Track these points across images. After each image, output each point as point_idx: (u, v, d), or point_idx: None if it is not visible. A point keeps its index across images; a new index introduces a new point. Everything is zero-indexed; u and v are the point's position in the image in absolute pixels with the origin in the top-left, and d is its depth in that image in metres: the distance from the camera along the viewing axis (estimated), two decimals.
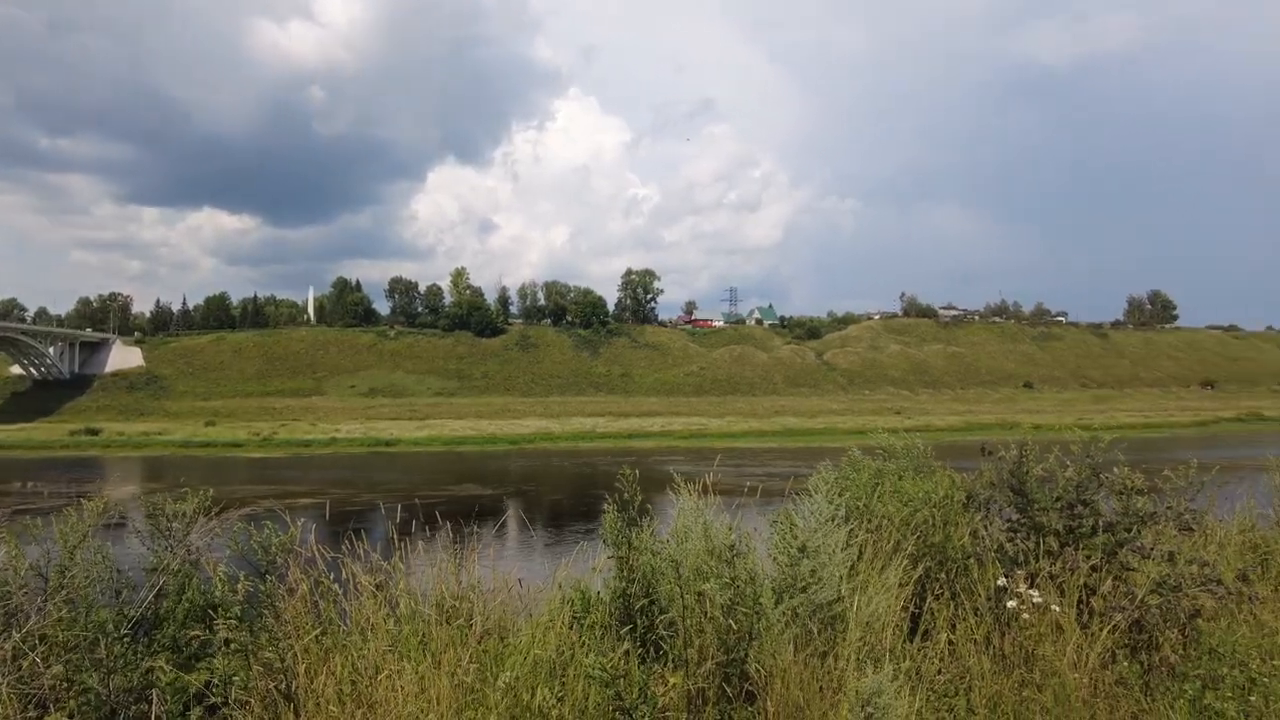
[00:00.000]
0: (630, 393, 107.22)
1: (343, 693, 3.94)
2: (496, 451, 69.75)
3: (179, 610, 4.16)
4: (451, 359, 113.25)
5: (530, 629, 4.60)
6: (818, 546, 4.57)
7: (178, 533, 4.71)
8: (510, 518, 32.45)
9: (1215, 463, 6.61)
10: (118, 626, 3.86)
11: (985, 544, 5.60)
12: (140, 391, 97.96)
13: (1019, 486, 5.66)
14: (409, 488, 42.62)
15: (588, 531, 4.80)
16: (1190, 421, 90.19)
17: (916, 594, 5.18)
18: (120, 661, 3.63)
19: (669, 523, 5.17)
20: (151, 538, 4.67)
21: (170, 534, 4.70)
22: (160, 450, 71.44)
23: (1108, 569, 5.33)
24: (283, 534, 4.39)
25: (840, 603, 4.70)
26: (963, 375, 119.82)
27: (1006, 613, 4.98)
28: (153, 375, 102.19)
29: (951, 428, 77.12)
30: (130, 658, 3.71)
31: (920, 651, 4.78)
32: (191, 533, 4.80)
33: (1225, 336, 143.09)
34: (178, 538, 4.70)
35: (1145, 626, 5.03)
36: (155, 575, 4.36)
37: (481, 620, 4.57)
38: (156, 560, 4.49)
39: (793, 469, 7.10)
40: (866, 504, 5.64)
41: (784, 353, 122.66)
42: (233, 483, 48.28)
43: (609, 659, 3.90)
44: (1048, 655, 4.72)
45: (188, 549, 4.71)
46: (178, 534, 4.71)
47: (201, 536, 4.88)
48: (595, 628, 4.51)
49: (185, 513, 4.80)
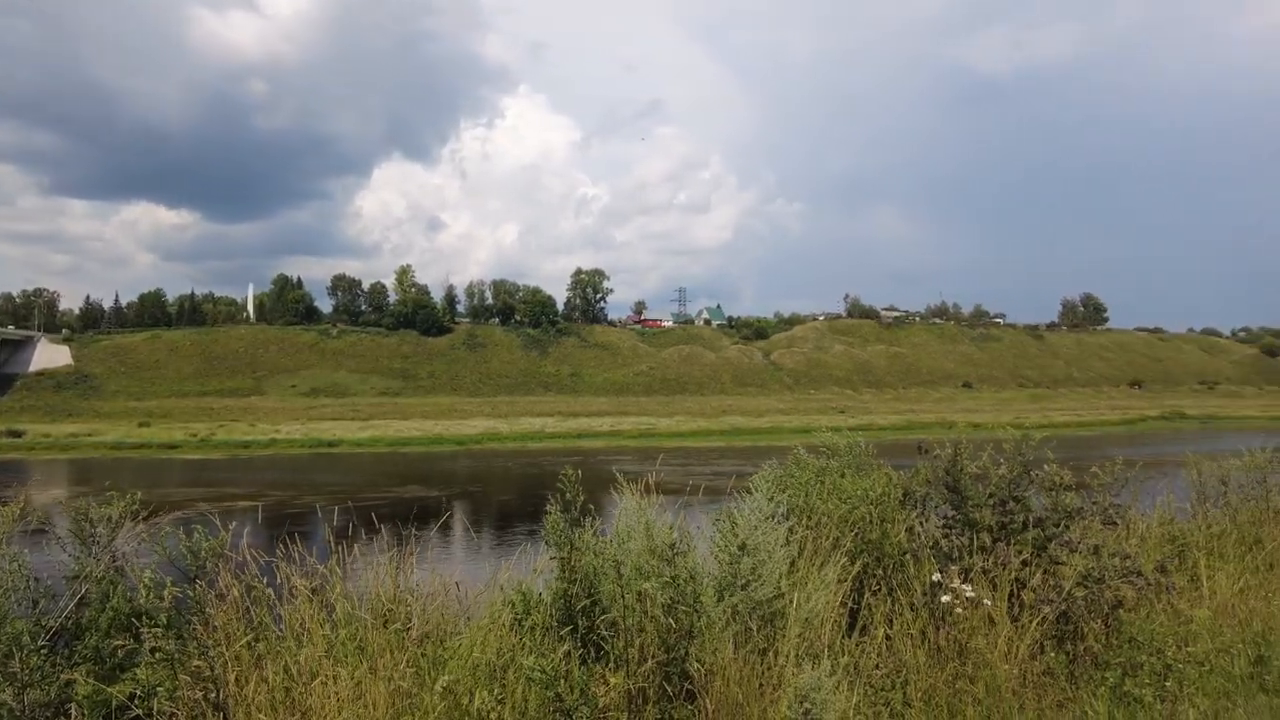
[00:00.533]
0: (579, 392, 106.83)
1: (275, 700, 3.85)
2: (442, 452, 68.81)
3: (102, 619, 3.99)
4: (396, 358, 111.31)
5: (470, 632, 4.56)
6: (757, 544, 4.62)
7: (102, 538, 4.53)
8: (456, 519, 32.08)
9: (1140, 459, 6.88)
10: (34, 638, 3.68)
11: (921, 540, 5.73)
12: (68, 391, 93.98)
13: (954, 484, 5.80)
14: (352, 489, 41.76)
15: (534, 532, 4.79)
16: (1119, 420, 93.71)
17: (855, 590, 5.27)
18: (37, 674, 3.48)
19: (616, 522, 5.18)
20: (74, 544, 4.48)
21: (94, 539, 4.52)
22: (90, 452, 68.66)
23: (1037, 563, 5.50)
24: (213, 538, 4.26)
25: (780, 599, 4.75)
26: (904, 375, 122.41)
27: (941, 607, 5.10)
28: (82, 374, 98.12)
29: (893, 426, 78.72)
30: (48, 670, 3.55)
31: (858, 647, 4.88)
32: (117, 538, 4.62)
33: (1151, 338, 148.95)
34: (102, 543, 4.52)
35: (1071, 618, 5.20)
36: (77, 583, 4.19)
37: (420, 623, 4.51)
38: (78, 567, 4.31)
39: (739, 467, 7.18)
40: (806, 501, 5.72)
41: (732, 353, 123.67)
42: (168, 485, 46.72)
43: (549, 660, 3.88)
44: (980, 648, 4.85)
45: (113, 555, 4.54)
46: (102, 539, 4.53)
47: (128, 542, 4.71)
48: (536, 629, 4.48)
49: (111, 517, 4.62)
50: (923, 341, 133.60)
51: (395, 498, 38.91)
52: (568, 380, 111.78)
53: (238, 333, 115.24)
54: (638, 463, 6.42)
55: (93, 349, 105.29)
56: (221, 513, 5.59)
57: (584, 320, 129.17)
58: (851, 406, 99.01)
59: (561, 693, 3.77)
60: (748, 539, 4.60)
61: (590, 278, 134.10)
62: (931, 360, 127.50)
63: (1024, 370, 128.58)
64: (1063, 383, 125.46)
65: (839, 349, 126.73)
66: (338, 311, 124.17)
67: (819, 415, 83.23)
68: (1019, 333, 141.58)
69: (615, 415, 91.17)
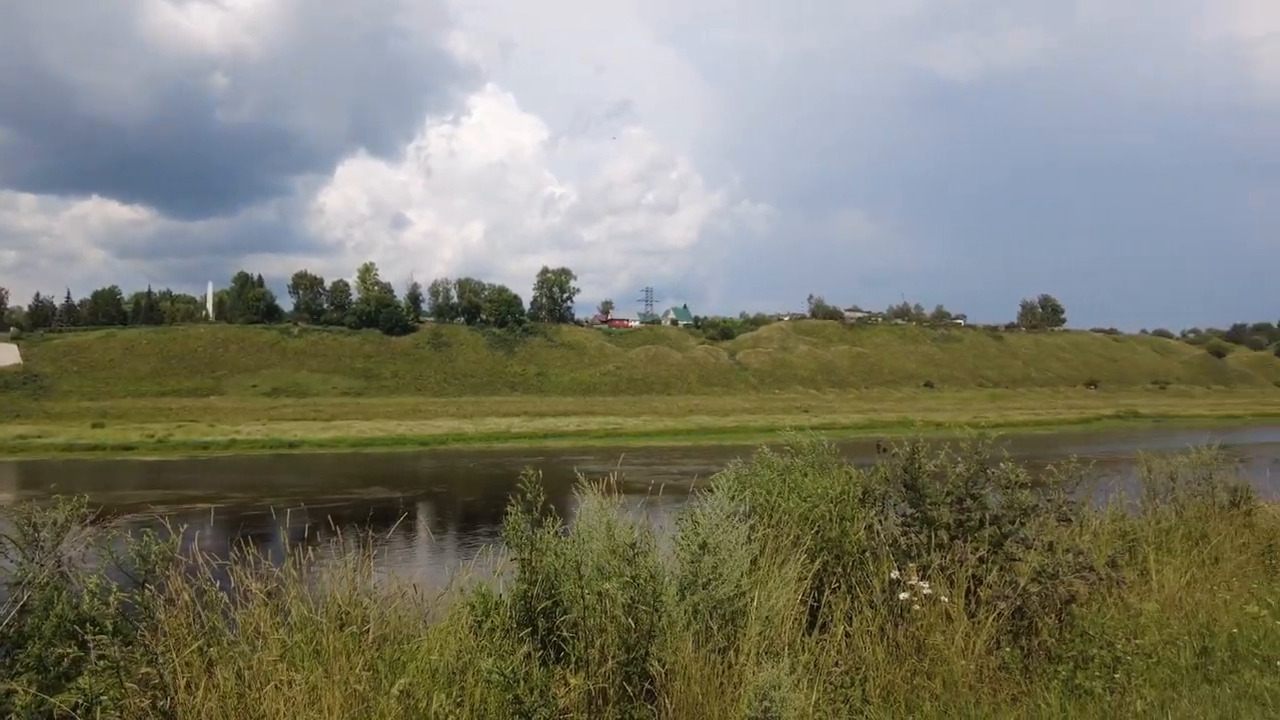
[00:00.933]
0: (546, 392, 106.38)
1: (227, 706, 3.76)
2: (406, 453, 68.03)
3: (45, 627, 3.86)
4: (359, 358, 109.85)
5: (430, 634, 4.52)
6: (718, 543, 4.63)
7: (47, 543, 4.39)
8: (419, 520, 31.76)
9: (1095, 457, 7.03)
10: None
11: (880, 538, 5.79)
12: (16, 391, 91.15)
13: (912, 482, 5.88)
14: (313, 491, 41.10)
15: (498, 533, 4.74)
16: (1076, 419, 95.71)
17: (815, 588, 5.31)
18: None
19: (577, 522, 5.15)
20: (17, 549, 4.34)
21: (38, 544, 4.38)
22: (40, 455, 66.60)
23: (994, 560, 5.59)
24: (163, 541, 4.15)
25: (741, 598, 4.77)
26: (867, 375, 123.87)
27: (899, 604, 5.16)
28: (31, 374, 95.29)
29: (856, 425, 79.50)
30: None
31: (818, 644, 4.91)
32: (63, 542, 4.49)
33: (1106, 339, 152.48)
34: (46, 548, 4.38)
35: (1026, 613, 5.30)
36: (19, 589, 4.05)
37: (378, 626, 4.45)
38: (21, 573, 4.17)
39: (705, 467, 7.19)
40: (768, 500, 5.75)
41: (698, 353, 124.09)
42: (123, 487, 45.53)
43: (509, 662, 3.85)
44: (937, 644, 4.92)
45: (58, 560, 4.41)
46: (47, 544, 4.39)
47: (75, 546, 4.57)
48: (496, 631, 4.45)
49: (56, 520, 4.48)
50: (885, 342, 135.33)
51: (357, 499, 38.39)
52: (534, 380, 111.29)
53: (197, 331, 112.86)
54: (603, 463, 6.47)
55: (43, 348, 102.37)
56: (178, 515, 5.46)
57: (550, 320, 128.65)
58: (816, 406, 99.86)
59: (520, 695, 3.75)
60: (708, 538, 4.62)
61: (557, 277, 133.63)
62: (894, 360, 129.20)
63: (984, 370, 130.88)
64: (1021, 382, 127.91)
65: (804, 349, 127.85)
66: (299, 310, 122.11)
67: (784, 415, 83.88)
68: (979, 333, 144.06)
69: (582, 415, 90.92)
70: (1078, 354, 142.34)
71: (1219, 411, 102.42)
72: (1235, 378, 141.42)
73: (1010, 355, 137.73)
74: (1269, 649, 5.03)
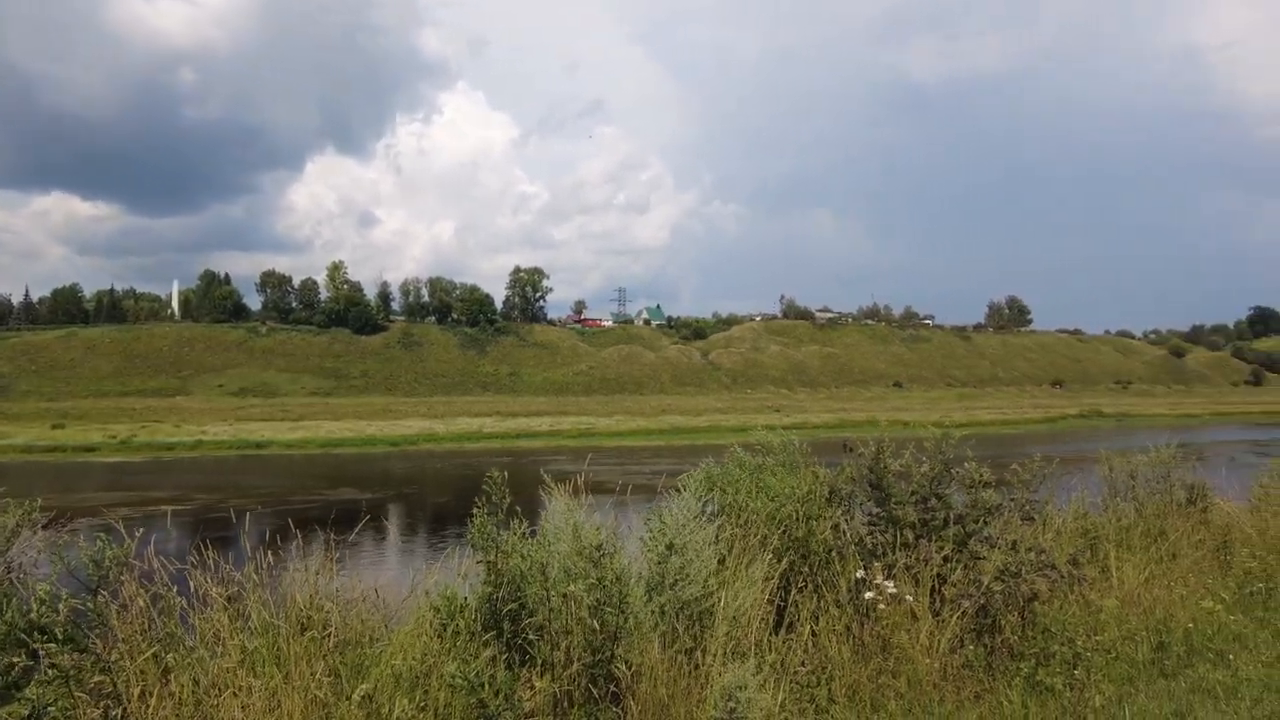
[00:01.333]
0: (518, 392, 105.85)
1: (183, 715, 3.68)
2: (376, 454, 67.25)
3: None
4: (328, 357, 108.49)
5: (394, 638, 4.46)
6: (684, 544, 4.63)
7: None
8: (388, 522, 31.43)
9: (1060, 456, 7.13)
10: None
11: (846, 538, 5.83)
12: None
13: (877, 482, 5.92)
14: (281, 492, 40.50)
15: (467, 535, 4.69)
16: (1042, 418, 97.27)
17: (781, 587, 5.33)
18: None
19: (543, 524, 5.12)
20: None
21: None
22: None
23: (958, 559, 5.65)
24: (117, 546, 4.05)
25: (708, 598, 4.77)
26: (837, 375, 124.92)
27: (865, 604, 5.20)
28: None
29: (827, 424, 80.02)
30: None
31: (785, 644, 4.93)
32: (12, 547, 4.37)
33: (1071, 339, 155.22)
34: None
35: (990, 611, 5.35)
36: None
37: (340, 630, 4.39)
38: None
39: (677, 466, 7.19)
40: (734, 500, 5.76)
41: (671, 352, 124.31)
42: (84, 490, 44.48)
43: (473, 666, 3.81)
44: (902, 643, 4.96)
45: (8, 565, 4.30)
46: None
47: (25, 552, 4.46)
48: (461, 634, 4.40)
49: (6, 525, 4.37)
50: (855, 342, 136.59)
51: (326, 500, 37.89)
52: (506, 380, 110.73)
53: (161, 330, 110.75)
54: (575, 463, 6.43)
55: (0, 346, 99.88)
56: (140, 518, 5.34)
57: (523, 319, 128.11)
58: (787, 405, 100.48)
59: (485, 699, 3.71)
60: (675, 539, 4.61)
61: (529, 276, 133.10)
62: (864, 360, 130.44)
63: (952, 370, 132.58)
64: (988, 382, 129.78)
65: (775, 349, 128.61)
66: (267, 309, 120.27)
67: (756, 414, 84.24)
68: (947, 334, 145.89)
69: (554, 415, 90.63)
70: (1043, 354, 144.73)
71: (1178, 411, 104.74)
72: (1194, 377, 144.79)
73: (978, 355, 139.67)
74: (1222, 643, 5.14)
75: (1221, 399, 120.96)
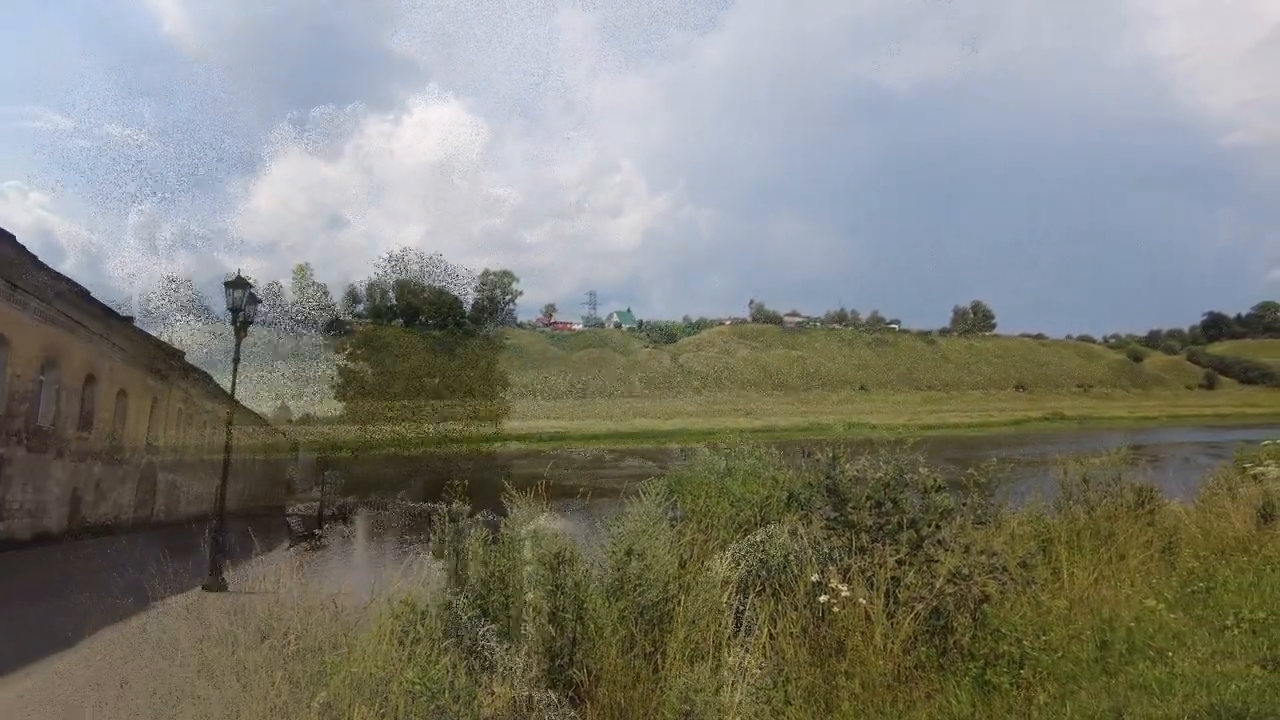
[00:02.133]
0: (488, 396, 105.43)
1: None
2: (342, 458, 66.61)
3: None
4: None
5: (356, 645, 4.48)
6: (644, 549, 4.70)
7: None
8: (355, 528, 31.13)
9: (1023, 458, 7.31)
10: None
11: (804, 542, 5.93)
12: None
13: (834, 487, 6.04)
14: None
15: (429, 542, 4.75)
16: (1006, 421, 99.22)
17: (740, 591, 5.42)
18: None
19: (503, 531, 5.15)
20: None
21: None
22: None
23: (912, 562, 5.77)
24: None
25: (668, 603, 4.85)
26: (805, 378, 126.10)
27: (821, 607, 5.31)
28: None
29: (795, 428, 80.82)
30: None
31: (743, 647, 5.02)
32: None
33: (1034, 344, 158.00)
34: None
35: (943, 613, 5.48)
36: None
37: (301, 638, 4.39)
38: None
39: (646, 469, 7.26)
40: (694, 505, 5.84)
41: (642, 356, 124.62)
42: None
43: (433, 672, 3.85)
44: (857, 645, 5.07)
45: None
46: None
47: None
48: (422, 641, 4.43)
49: None
50: (823, 346, 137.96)
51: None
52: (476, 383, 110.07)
53: None
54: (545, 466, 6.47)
55: None
56: None
57: (493, 322, 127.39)
58: (756, 409, 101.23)
59: (445, 705, 3.75)
60: (634, 544, 4.68)
61: (499, 279, 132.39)
62: (831, 364, 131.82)
63: (918, 374, 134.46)
64: (954, 386, 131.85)
65: (744, 353, 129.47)
66: None
67: (725, 417, 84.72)
68: (913, 338, 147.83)
69: (525, 419, 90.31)
70: (1007, 358, 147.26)
71: (1137, 413, 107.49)
72: (1151, 381, 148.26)
73: (943, 359, 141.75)
74: (1162, 641, 5.31)
75: (1178, 402, 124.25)
